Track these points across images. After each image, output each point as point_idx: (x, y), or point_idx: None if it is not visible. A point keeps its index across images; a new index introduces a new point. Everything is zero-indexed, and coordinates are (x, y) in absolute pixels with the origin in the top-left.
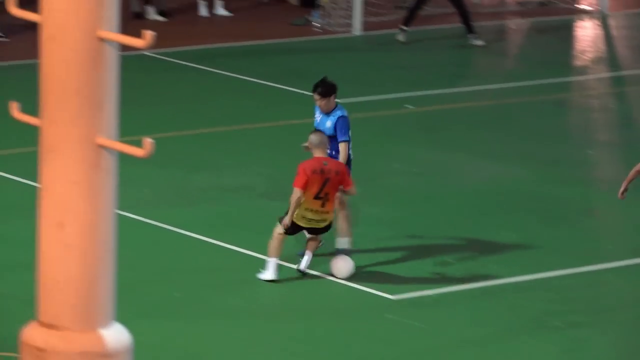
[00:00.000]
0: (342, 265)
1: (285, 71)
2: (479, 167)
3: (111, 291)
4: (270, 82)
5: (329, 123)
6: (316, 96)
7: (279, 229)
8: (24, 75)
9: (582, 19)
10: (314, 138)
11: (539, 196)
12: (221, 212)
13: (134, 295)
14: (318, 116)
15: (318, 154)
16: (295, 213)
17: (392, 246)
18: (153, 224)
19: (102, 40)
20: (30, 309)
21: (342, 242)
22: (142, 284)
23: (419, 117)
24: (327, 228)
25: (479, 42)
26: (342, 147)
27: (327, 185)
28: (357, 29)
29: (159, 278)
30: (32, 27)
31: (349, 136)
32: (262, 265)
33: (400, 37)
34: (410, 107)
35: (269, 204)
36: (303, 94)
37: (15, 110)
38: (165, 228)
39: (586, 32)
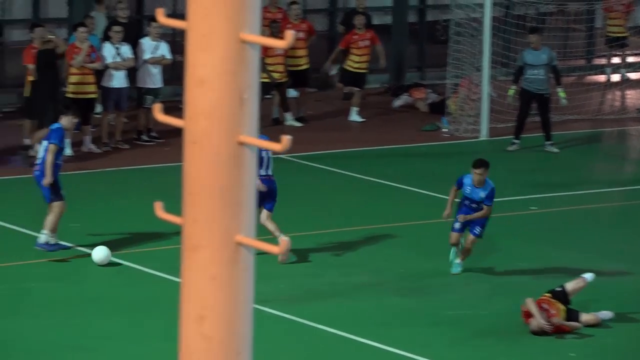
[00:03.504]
0: None
1: (413, 174)
2: (599, 265)
3: None
4: (399, 183)
5: (482, 193)
6: (480, 170)
7: None
8: (166, 177)
9: None
10: None
11: None
12: (351, 306)
13: None
14: (469, 188)
15: None
16: None
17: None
18: (288, 318)
19: (241, 144)
20: None
21: None
22: None
23: (542, 218)
24: None
25: (555, 150)
26: (487, 209)
27: None
28: (483, 134)
29: None
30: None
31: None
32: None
33: (511, 148)
34: (535, 208)
35: (397, 300)
36: (428, 194)
37: (159, 210)
38: (298, 321)
39: None
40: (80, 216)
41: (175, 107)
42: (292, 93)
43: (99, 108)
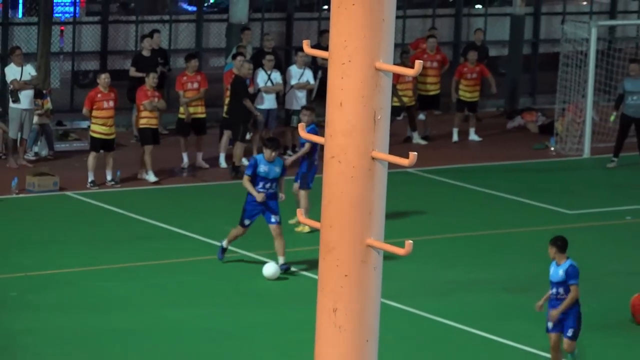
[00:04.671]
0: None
1: (525, 186)
2: None
3: None
4: (512, 195)
5: (561, 271)
6: (550, 247)
7: None
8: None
9: None
10: None
11: None
12: (469, 301)
13: None
14: (551, 269)
15: None
16: None
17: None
18: (411, 311)
19: (374, 159)
20: None
21: None
22: (397, 357)
23: (636, 227)
24: None
25: (612, 165)
26: (573, 289)
27: None
28: (586, 152)
29: (414, 356)
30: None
31: (577, 281)
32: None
33: (610, 165)
34: (630, 218)
35: (508, 296)
36: (538, 205)
37: (300, 215)
38: (421, 315)
39: None
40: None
41: (318, 125)
42: (420, 116)
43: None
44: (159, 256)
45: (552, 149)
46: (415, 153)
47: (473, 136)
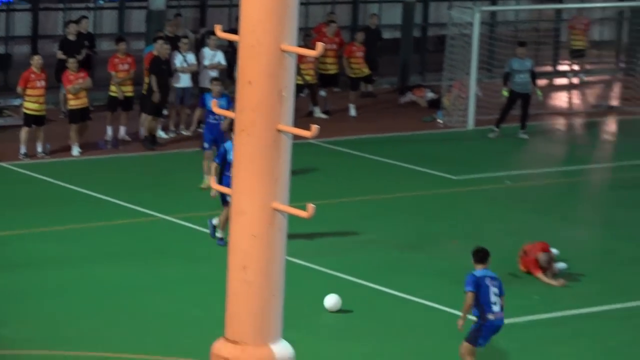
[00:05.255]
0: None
1: (415, 155)
2: (561, 228)
3: (280, 317)
4: (404, 163)
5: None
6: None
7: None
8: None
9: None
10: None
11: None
12: (363, 258)
13: (296, 318)
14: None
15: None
16: None
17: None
18: (314, 268)
19: (280, 131)
20: (221, 327)
21: None
22: (301, 309)
23: (514, 190)
24: None
25: (525, 137)
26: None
27: None
28: (470, 124)
29: (314, 307)
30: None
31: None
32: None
33: (492, 135)
34: (509, 182)
35: (400, 253)
36: (425, 172)
37: (213, 182)
38: (321, 270)
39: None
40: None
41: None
42: (321, 93)
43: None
44: (86, 219)
45: (440, 121)
46: (317, 126)
47: (352, 112)
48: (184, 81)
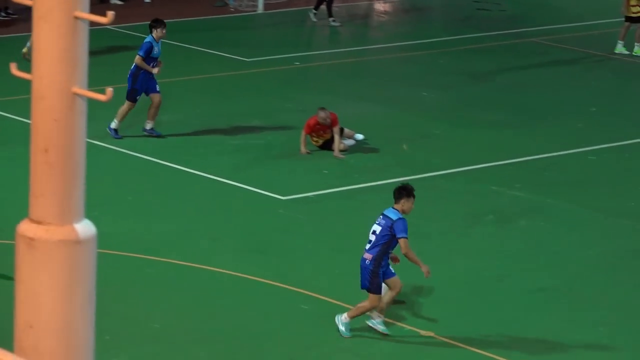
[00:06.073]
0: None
1: (209, 40)
2: (345, 106)
3: (82, 198)
4: (198, 47)
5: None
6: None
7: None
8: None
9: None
10: None
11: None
12: (164, 140)
13: (103, 197)
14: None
15: None
16: None
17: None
18: (115, 149)
19: (77, 18)
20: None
21: None
22: (102, 189)
23: (303, 71)
24: None
25: (337, 24)
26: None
27: None
28: (260, 9)
29: (117, 189)
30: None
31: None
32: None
33: (312, 17)
34: (298, 63)
35: (197, 133)
36: (220, 55)
37: (14, 69)
38: (123, 152)
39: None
40: None
41: None
42: None
43: None
44: None
45: (231, 6)
46: (113, 12)
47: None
48: None
